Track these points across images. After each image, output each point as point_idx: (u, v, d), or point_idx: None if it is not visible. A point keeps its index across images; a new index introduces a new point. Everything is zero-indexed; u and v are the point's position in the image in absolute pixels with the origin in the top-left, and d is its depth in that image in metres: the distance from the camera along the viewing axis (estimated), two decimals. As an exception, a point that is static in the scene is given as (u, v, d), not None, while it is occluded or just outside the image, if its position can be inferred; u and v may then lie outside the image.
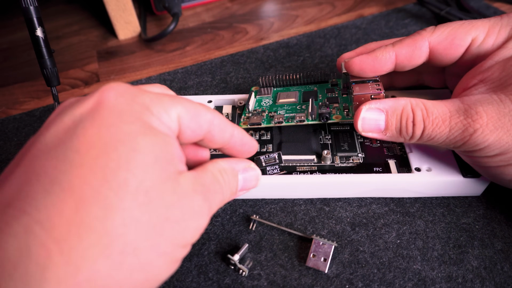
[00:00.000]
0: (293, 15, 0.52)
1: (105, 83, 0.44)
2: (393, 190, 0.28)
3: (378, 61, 0.27)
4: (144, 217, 0.15)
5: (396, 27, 0.47)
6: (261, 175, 0.24)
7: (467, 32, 0.25)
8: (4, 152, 0.36)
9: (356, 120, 0.25)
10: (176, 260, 0.18)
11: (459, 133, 0.23)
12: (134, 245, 0.15)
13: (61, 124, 0.16)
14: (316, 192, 0.29)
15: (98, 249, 0.14)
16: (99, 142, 0.15)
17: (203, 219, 0.19)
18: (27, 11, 0.29)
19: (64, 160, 0.15)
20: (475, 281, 0.24)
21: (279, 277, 0.25)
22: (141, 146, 0.16)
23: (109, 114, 0.16)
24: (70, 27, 0.55)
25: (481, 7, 0.49)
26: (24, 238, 0.13)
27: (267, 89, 0.34)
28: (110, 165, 0.15)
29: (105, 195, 0.15)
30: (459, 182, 0.27)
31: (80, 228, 0.14)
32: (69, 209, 0.14)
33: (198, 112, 0.19)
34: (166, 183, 0.17)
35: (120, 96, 0.17)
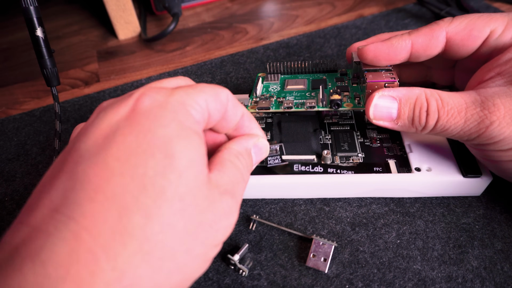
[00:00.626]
0: (293, 15, 0.52)
1: (105, 83, 0.44)
2: (393, 190, 0.28)
3: (393, 49, 0.26)
4: (180, 223, 0.16)
5: (396, 27, 0.47)
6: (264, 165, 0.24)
7: (485, 24, 0.25)
8: (4, 152, 0.36)
9: (368, 107, 0.25)
10: (209, 259, 0.18)
11: (474, 125, 0.22)
12: (172, 250, 0.16)
13: (99, 131, 0.17)
14: (316, 192, 0.29)
15: (140, 256, 0.15)
16: (138, 150, 0.16)
17: (234, 217, 0.19)
18: (27, 11, 0.29)
19: (106, 168, 0.15)
20: (475, 281, 0.24)
21: (279, 277, 0.25)
22: (176, 150, 0.16)
23: (145, 119, 0.17)
24: (70, 27, 0.55)
25: (481, 7, 0.49)
26: (73, 243, 0.14)
27: (274, 76, 0.33)
28: (148, 173, 0.16)
29: (144, 203, 0.15)
30: (459, 182, 0.27)
31: (123, 235, 0.15)
32: (113, 217, 0.15)
33: (217, 92, 0.20)
34: (199, 188, 0.17)
35: (153, 100, 0.18)
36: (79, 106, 0.41)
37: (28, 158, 0.35)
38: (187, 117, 0.18)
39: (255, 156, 0.23)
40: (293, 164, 0.28)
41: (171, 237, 0.16)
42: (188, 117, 0.18)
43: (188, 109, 0.18)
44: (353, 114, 0.33)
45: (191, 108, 0.18)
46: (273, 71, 0.33)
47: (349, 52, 0.31)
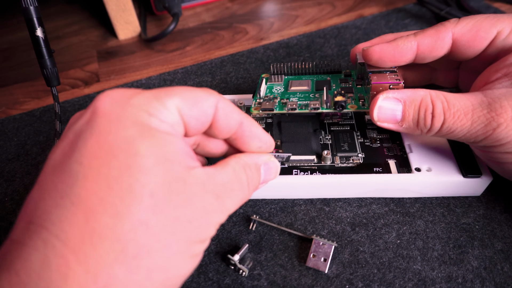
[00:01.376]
0: (293, 15, 0.52)
1: (105, 83, 0.44)
2: (393, 190, 0.28)
3: (399, 50, 0.26)
4: (152, 220, 0.16)
5: (396, 27, 0.47)
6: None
7: (492, 24, 0.25)
8: (4, 152, 0.36)
9: (372, 109, 0.25)
10: (195, 255, 0.18)
11: (481, 127, 0.22)
12: (147, 247, 0.16)
13: (66, 140, 0.17)
14: (316, 192, 0.29)
15: (112, 255, 0.15)
16: (99, 152, 0.16)
17: (215, 216, 0.19)
18: (27, 11, 0.29)
19: (70, 174, 0.16)
20: (475, 281, 0.24)
21: (279, 277, 0.25)
22: (140, 149, 0.16)
23: (106, 121, 0.17)
24: (70, 27, 0.55)
25: (481, 7, 0.49)
26: (44, 250, 0.14)
27: (278, 77, 0.33)
28: (112, 173, 0.15)
29: (111, 203, 0.15)
30: (459, 182, 0.27)
31: (92, 237, 0.15)
32: (80, 220, 0.15)
33: (197, 99, 0.19)
34: (172, 183, 0.17)
35: (114, 102, 0.17)
36: (79, 106, 0.41)
37: (28, 158, 0.35)
38: (149, 118, 0.17)
39: (264, 174, 0.23)
40: (292, 170, 0.28)
41: (144, 234, 0.15)
42: (152, 119, 0.17)
43: (151, 111, 0.17)
44: (353, 114, 0.33)
45: (155, 111, 0.18)
46: (277, 72, 0.33)
47: (353, 53, 0.31)
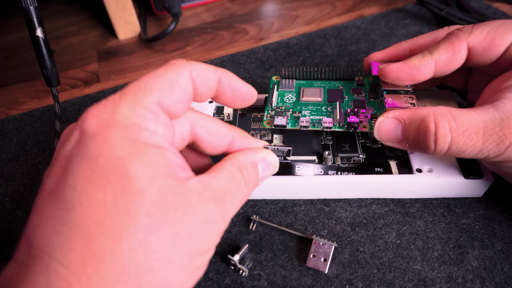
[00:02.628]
0: (293, 15, 0.52)
1: (105, 83, 0.44)
2: (394, 191, 0.28)
3: (416, 71, 0.25)
4: (151, 239, 0.16)
5: (396, 27, 0.47)
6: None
7: (508, 31, 0.24)
8: (4, 152, 0.36)
9: (374, 128, 0.24)
10: (199, 267, 0.18)
11: (493, 146, 0.21)
12: (148, 266, 0.16)
13: (58, 163, 0.17)
14: (317, 193, 0.29)
15: (114, 276, 0.15)
16: (92, 176, 0.16)
17: (218, 225, 0.18)
18: (27, 11, 0.29)
19: (65, 200, 0.16)
20: (475, 281, 0.24)
21: (279, 277, 0.25)
22: (132, 170, 0.16)
23: (95, 144, 0.16)
24: (70, 27, 0.55)
25: (481, 7, 0.49)
26: (47, 275, 0.15)
27: (289, 82, 0.32)
28: (107, 197, 0.16)
29: (109, 226, 0.15)
30: (460, 183, 0.27)
31: (93, 260, 0.15)
32: (79, 245, 0.15)
33: (173, 83, 0.18)
34: (167, 199, 0.17)
35: (100, 120, 0.17)
36: (79, 106, 0.41)
37: (28, 158, 0.35)
38: (138, 132, 0.17)
39: (262, 170, 0.22)
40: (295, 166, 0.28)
41: (144, 253, 0.16)
42: (140, 132, 0.17)
43: (138, 122, 0.17)
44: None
45: (142, 121, 0.17)
46: (288, 76, 0.33)
47: (367, 62, 0.30)
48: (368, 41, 0.46)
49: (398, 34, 0.46)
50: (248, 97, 0.22)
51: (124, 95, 0.18)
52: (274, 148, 0.27)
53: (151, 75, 0.18)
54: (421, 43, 0.28)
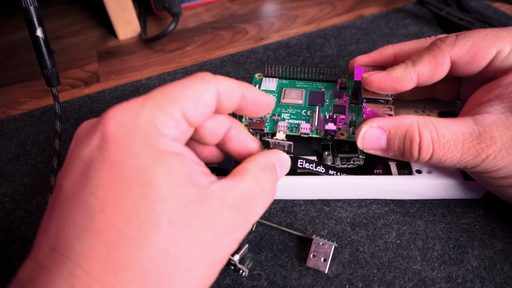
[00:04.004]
0: (293, 15, 0.52)
1: (105, 83, 0.44)
2: (393, 192, 0.28)
3: (399, 83, 0.25)
4: (172, 247, 0.16)
5: (396, 27, 0.47)
6: None
7: (491, 44, 0.23)
8: (4, 152, 0.36)
9: (357, 136, 0.24)
10: (214, 274, 0.18)
11: (471, 158, 0.22)
12: (168, 274, 0.16)
13: (76, 166, 0.17)
14: (317, 194, 0.29)
15: (135, 284, 0.15)
16: (113, 183, 0.16)
17: (238, 233, 0.18)
18: (27, 11, 0.29)
19: (87, 207, 0.16)
20: (475, 281, 0.24)
21: (279, 277, 0.25)
22: (153, 178, 0.16)
23: (116, 149, 0.17)
24: (70, 27, 0.55)
25: (481, 7, 0.49)
26: (71, 280, 0.15)
27: (272, 80, 0.32)
28: (129, 204, 0.16)
29: (130, 234, 0.16)
30: (460, 184, 0.27)
31: (115, 267, 0.15)
32: (101, 252, 0.15)
33: (199, 94, 0.19)
34: (188, 207, 0.17)
35: (121, 124, 0.17)
36: (79, 106, 0.41)
37: (28, 158, 0.35)
38: (159, 139, 0.17)
39: (279, 170, 0.22)
40: (297, 160, 0.27)
41: (164, 262, 0.16)
42: (161, 139, 0.17)
43: (159, 128, 0.17)
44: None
45: (163, 127, 0.17)
46: (271, 75, 0.33)
47: (352, 65, 0.30)
48: (368, 41, 0.46)
49: (398, 34, 0.46)
50: (268, 107, 0.23)
51: (147, 100, 0.18)
52: (275, 142, 0.27)
53: (178, 84, 0.19)
54: (406, 50, 0.28)
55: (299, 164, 0.27)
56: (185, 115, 0.18)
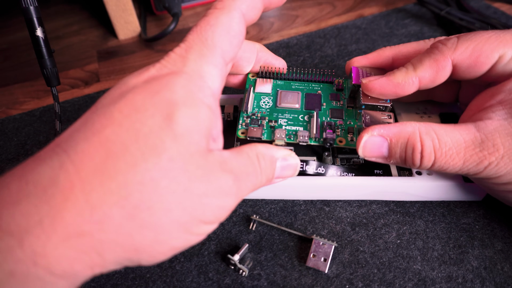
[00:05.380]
0: (293, 15, 0.52)
1: (105, 83, 0.44)
2: (393, 193, 0.28)
3: (400, 88, 0.25)
4: (163, 181, 0.16)
5: (396, 27, 0.47)
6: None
7: (494, 48, 0.23)
8: (4, 152, 0.36)
9: (358, 145, 0.24)
10: (195, 234, 0.18)
11: (473, 166, 0.22)
12: (149, 203, 0.16)
13: (118, 90, 0.18)
14: (316, 194, 0.29)
15: (115, 198, 0.16)
16: (141, 107, 0.17)
17: (229, 199, 0.19)
18: (27, 11, 0.29)
19: (109, 118, 0.17)
20: (475, 281, 0.24)
21: (279, 277, 0.25)
22: (177, 116, 0.17)
23: (158, 84, 0.18)
24: (70, 27, 0.55)
25: (481, 7, 0.49)
26: (57, 171, 0.16)
27: (266, 81, 0.31)
28: (143, 129, 0.17)
29: (132, 153, 0.16)
30: (460, 186, 0.27)
31: (103, 175, 0.16)
32: (100, 157, 0.16)
33: (229, 28, 0.20)
34: (194, 156, 0.17)
35: (167, 69, 0.19)
36: (79, 106, 0.41)
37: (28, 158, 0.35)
38: (200, 89, 0.18)
39: (280, 169, 0.22)
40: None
41: (150, 190, 0.16)
42: (202, 88, 0.19)
43: (205, 78, 0.19)
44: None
45: (208, 77, 0.19)
46: (265, 76, 0.31)
47: (349, 67, 0.29)
48: (368, 41, 0.46)
49: (398, 34, 0.46)
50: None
51: (189, 49, 0.20)
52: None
53: (207, 25, 0.20)
54: (404, 52, 0.28)
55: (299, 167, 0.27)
56: (224, 58, 0.20)
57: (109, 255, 0.16)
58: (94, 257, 0.16)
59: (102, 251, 0.16)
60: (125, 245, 0.16)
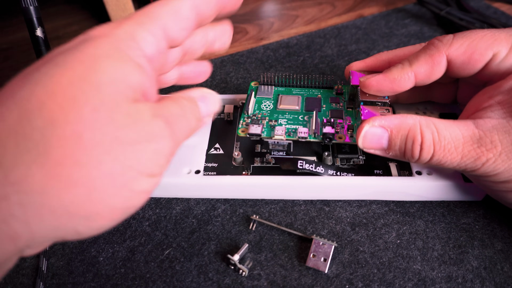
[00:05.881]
0: (293, 15, 0.52)
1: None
2: (393, 193, 0.28)
3: (397, 83, 0.25)
4: (87, 133, 0.15)
5: (396, 27, 0.47)
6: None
7: (488, 46, 0.23)
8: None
9: (358, 135, 0.24)
10: (136, 191, 0.17)
11: (470, 161, 0.22)
12: (74, 158, 0.15)
13: (46, 56, 0.18)
14: (316, 194, 0.29)
15: (32, 156, 0.15)
16: (60, 62, 0.16)
17: (165, 142, 0.18)
18: (27, 11, 0.29)
19: (22, 79, 0.16)
20: (475, 281, 0.24)
21: (279, 277, 0.25)
22: (101, 67, 0.16)
23: (85, 43, 0.17)
24: (70, 27, 0.55)
25: (481, 7, 0.49)
26: None
27: (268, 88, 0.32)
28: (62, 81, 0.16)
29: (50, 108, 0.15)
30: (460, 186, 0.27)
31: (18, 135, 0.15)
32: (13, 117, 0.15)
33: (177, 10, 0.20)
34: (120, 105, 0.16)
35: (102, 32, 0.18)
36: (79, 106, 0.41)
37: None
38: (130, 48, 0.18)
39: (204, 106, 0.22)
40: (297, 161, 0.27)
41: (73, 144, 0.15)
42: (132, 49, 0.18)
43: (137, 40, 0.18)
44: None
45: (141, 40, 0.18)
46: (267, 82, 0.32)
47: (347, 71, 0.30)
48: (368, 41, 0.46)
49: (398, 34, 0.46)
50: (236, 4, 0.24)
51: (128, 19, 0.19)
52: (275, 142, 0.27)
53: (156, 3, 0.20)
54: (401, 56, 0.28)
55: (299, 165, 0.27)
56: (166, 32, 0.19)
57: (35, 221, 0.15)
58: (15, 225, 0.14)
59: (24, 217, 0.14)
60: (54, 207, 0.15)
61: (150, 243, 0.27)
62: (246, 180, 0.28)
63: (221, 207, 0.29)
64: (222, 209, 0.29)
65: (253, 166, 0.29)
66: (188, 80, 0.26)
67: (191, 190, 0.29)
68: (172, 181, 0.28)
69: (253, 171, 0.29)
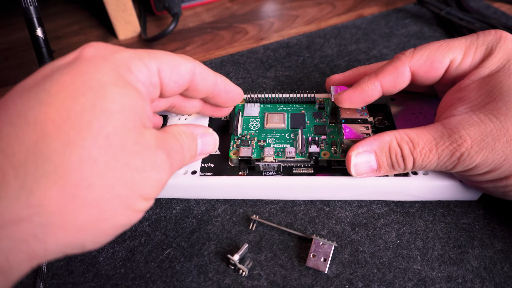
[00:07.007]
0: (293, 15, 0.52)
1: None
2: (390, 193, 0.28)
3: (365, 94, 0.27)
4: (102, 158, 0.16)
5: (396, 27, 0.47)
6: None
7: (444, 54, 0.26)
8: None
9: (349, 167, 0.25)
10: (136, 210, 0.19)
11: (447, 159, 0.23)
12: (89, 181, 0.16)
13: (41, 72, 0.18)
14: (316, 194, 0.29)
15: (52, 178, 0.15)
16: (70, 87, 0.17)
17: (164, 174, 0.20)
18: (27, 11, 0.29)
19: (35, 99, 0.16)
20: (475, 281, 0.24)
21: (279, 277, 0.25)
22: (110, 94, 0.17)
23: (86, 64, 0.18)
24: (70, 27, 0.55)
25: (481, 7, 0.49)
26: None
27: (253, 105, 0.33)
28: (76, 107, 0.16)
29: (66, 132, 0.16)
30: (456, 186, 0.27)
31: (37, 157, 0.15)
32: (30, 139, 0.15)
33: (177, 63, 0.21)
34: (130, 132, 0.18)
35: (99, 51, 0.19)
36: (79, 106, 0.41)
37: None
38: (128, 73, 0.19)
39: (201, 145, 0.24)
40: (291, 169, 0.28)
41: (89, 168, 0.16)
42: (129, 74, 0.19)
43: (131, 67, 0.19)
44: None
45: (135, 68, 0.19)
46: (252, 100, 0.34)
47: (328, 85, 0.32)
48: (368, 41, 0.46)
49: (398, 34, 0.46)
50: (238, 97, 0.28)
51: (129, 49, 0.20)
52: (265, 165, 0.28)
53: (163, 51, 0.21)
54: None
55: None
56: (160, 73, 0.20)
57: (51, 240, 0.15)
58: (34, 245, 0.15)
59: (43, 237, 0.15)
60: (68, 226, 0.16)
61: (150, 243, 0.27)
62: (242, 180, 0.28)
63: (221, 207, 0.29)
64: (222, 209, 0.29)
65: (250, 166, 0.29)
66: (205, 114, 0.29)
67: (188, 191, 0.29)
68: (170, 182, 0.28)
69: (249, 172, 0.29)
